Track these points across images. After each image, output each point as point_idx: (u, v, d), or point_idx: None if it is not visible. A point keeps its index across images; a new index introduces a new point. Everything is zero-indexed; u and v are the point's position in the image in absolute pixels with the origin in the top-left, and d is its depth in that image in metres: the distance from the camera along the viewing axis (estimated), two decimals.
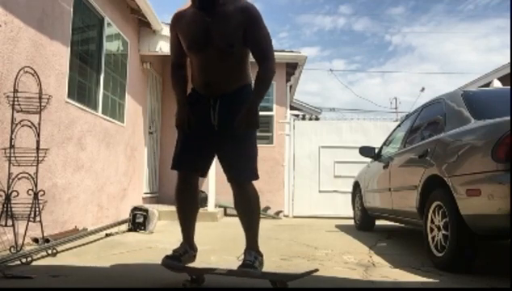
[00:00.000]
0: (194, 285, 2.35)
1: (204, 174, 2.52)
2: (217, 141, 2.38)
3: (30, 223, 3.31)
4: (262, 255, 2.43)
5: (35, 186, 3.35)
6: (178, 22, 2.39)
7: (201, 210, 7.48)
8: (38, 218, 3.35)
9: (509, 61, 8.34)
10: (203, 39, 2.27)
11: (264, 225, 4.08)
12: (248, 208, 2.44)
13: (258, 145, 2.49)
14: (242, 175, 2.38)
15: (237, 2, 2.29)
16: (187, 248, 2.48)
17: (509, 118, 2.60)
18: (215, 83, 2.35)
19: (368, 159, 5.67)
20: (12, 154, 3.24)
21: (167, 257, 2.38)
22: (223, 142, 2.37)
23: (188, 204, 2.50)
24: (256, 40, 2.31)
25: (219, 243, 4.08)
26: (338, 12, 68.67)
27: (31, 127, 3.41)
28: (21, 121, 3.33)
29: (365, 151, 5.47)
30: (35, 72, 3.50)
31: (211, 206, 6.60)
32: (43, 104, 3.45)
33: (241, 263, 2.32)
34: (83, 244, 3.83)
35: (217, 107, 2.35)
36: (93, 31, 5.29)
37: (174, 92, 2.53)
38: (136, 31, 6.83)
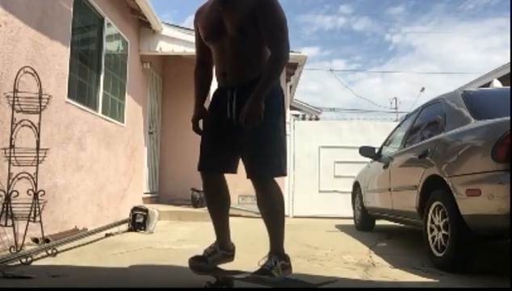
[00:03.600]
0: (217, 286, 2.30)
1: (233, 170, 2.37)
2: (237, 135, 2.25)
3: (30, 223, 3.31)
4: (286, 259, 2.29)
5: (35, 186, 3.35)
6: (198, 16, 2.42)
7: (201, 210, 7.51)
8: (38, 218, 3.35)
9: (509, 61, 8.34)
10: (217, 27, 2.25)
11: (264, 225, 4.09)
12: (271, 210, 2.29)
13: None
14: (261, 171, 2.20)
15: None
16: (217, 248, 2.40)
17: (509, 118, 2.60)
18: (230, 72, 2.28)
19: (368, 159, 5.67)
20: (12, 154, 3.24)
21: (192, 258, 2.33)
22: (241, 136, 2.23)
23: (215, 205, 2.42)
24: (266, 26, 2.18)
25: None
26: (338, 12, 68.71)
27: (31, 127, 3.41)
28: (21, 121, 3.33)
29: (365, 151, 5.47)
30: (35, 72, 3.49)
31: None
32: (43, 104, 3.45)
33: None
34: (83, 244, 3.83)
35: (234, 99, 2.26)
36: (93, 31, 5.29)
37: (194, 88, 2.49)
38: (136, 31, 6.83)
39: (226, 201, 2.45)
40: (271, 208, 2.29)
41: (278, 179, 2.26)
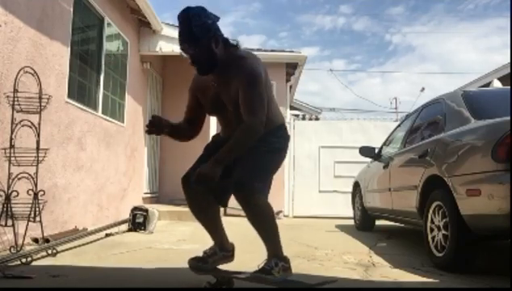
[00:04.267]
0: (217, 286, 2.31)
1: (223, 200, 2.38)
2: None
3: (30, 223, 3.31)
4: (286, 260, 2.26)
5: (35, 186, 3.35)
6: (196, 87, 2.41)
7: None
8: (38, 218, 3.35)
9: (509, 61, 8.34)
10: (216, 104, 2.28)
11: None
12: (259, 224, 2.23)
13: None
14: (244, 183, 2.12)
15: (239, 60, 2.17)
16: (217, 250, 2.40)
17: (509, 118, 2.59)
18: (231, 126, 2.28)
19: (368, 159, 5.67)
20: (12, 154, 3.24)
21: (191, 259, 2.34)
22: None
23: (201, 212, 2.41)
24: (244, 101, 2.14)
25: None
26: (338, 12, 68.68)
27: (31, 127, 3.41)
28: (21, 121, 3.33)
29: (365, 151, 5.46)
30: (35, 72, 3.49)
31: None
32: (43, 104, 3.45)
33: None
34: (83, 244, 3.83)
35: None
36: (93, 31, 5.29)
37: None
38: (136, 31, 6.83)
39: (211, 208, 2.41)
40: (259, 223, 2.23)
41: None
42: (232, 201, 2.52)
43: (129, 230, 4.86)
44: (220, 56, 2.17)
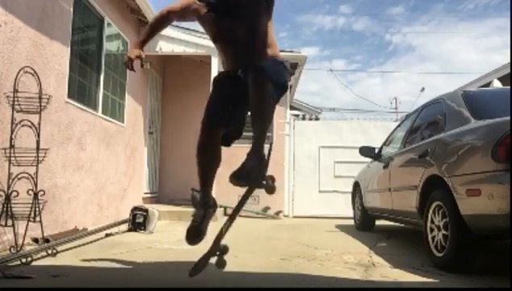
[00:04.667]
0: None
1: (234, 134, 2.51)
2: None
3: (30, 223, 3.31)
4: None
5: (35, 186, 3.35)
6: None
7: None
8: (38, 218, 3.35)
9: (509, 61, 8.34)
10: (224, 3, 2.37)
11: (264, 225, 4.08)
12: (265, 105, 2.30)
13: None
14: (263, 70, 2.23)
15: None
16: (205, 210, 2.51)
17: (509, 118, 2.60)
18: (246, 55, 2.39)
19: (368, 159, 5.67)
20: (12, 154, 3.23)
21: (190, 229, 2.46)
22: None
23: (209, 161, 2.49)
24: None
25: None
26: (338, 12, 68.66)
27: (31, 127, 3.40)
28: (21, 121, 3.33)
29: (365, 151, 5.47)
30: (35, 72, 3.49)
31: None
32: (43, 104, 3.45)
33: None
34: (83, 244, 3.83)
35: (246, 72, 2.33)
36: (93, 31, 5.29)
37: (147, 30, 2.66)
38: (136, 31, 6.83)
39: (219, 160, 2.51)
40: (266, 102, 2.29)
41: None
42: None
43: (129, 230, 4.86)
44: None
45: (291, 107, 10.56)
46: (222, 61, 2.60)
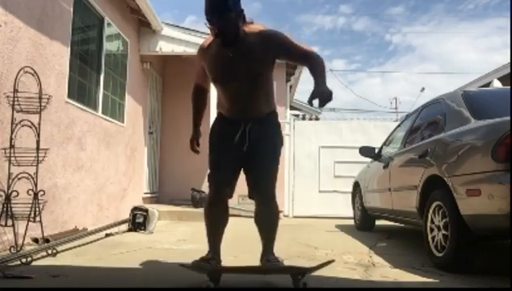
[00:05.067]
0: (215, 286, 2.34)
1: (232, 193, 2.56)
2: (246, 158, 2.46)
3: (30, 223, 3.31)
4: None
5: (35, 186, 3.35)
6: (203, 54, 2.48)
7: (201, 210, 7.49)
8: (38, 218, 3.35)
9: (509, 61, 8.34)
10: (229, 74, 2.38)
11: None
12: (271, 225, 2.56)
13: None
14: (270, 191, 2.49)
15: (255, 32, 2.36)
16: (215, 256, 2.52)
17: (509, 118, 2.59)
18: (250, 109, 2.46)
19: (368, 159, 5.67)
20: (12, 154, 3.24)
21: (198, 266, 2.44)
22: (252, 159, 2.45)
23: (220, 219, 2.55)
24: (291, 52, 2.41)
25: None
26: (338, 12, 68.72)
27: (31, 127, 3.41)
28: (21, 121, 3.33)
29: (365, 151, 5.46)
30: (35, 72, 3.49)
31: None
32: (43, 104, 3.45)
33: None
34: (83, 244, 3.83)
35: (249, 129, 2.44)
36: (93, 31, 5.29)
37: (192, 111, 2.71)
38: (136, 31, 6.83)
39: (228, 217, 2.61)
40: (272, 223, 2.56)
41: (279, 179, 2.49)
42: (232, 201, 2.55)
43: (129, 230, 4.86)
44: (241, 30, 2.32)
45: (291, 107, 10.57)
46: (219, 103, 2.58)
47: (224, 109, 2.54)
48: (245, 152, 2.43)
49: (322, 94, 2.17)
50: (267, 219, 2.53)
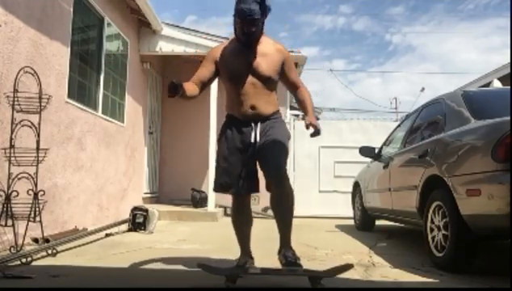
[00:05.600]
0: (233, 285, 2.37)
1: (257, 187, 2.64)
2: (258, 151, 2.54)
3: (30, 223, 3.31)
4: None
5: (35, 186, 3.35)
6: (218, 53, 2.65)
7: (201, 210, 7.51)
8: (38, 218, 3.35)
9: (509, 61, 8.34)
10: (246, 72, 2.55)
11: (264, 225, 4.08)
12: (287, 208, 2.59)
13: None
14: (282, 170, 2.52)
15: (270, 41, 2.64)
16: (247, 259, 2.66)
17: (509, 118, 2.59)
18: (259, 107, 2.59)
19: (368, 159, 5.67)
20: (12, 154, 3.24)
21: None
22: (262, 148, 2.53)
23: (246, 223, 2.71)
24: (292, 73, 2.75)
25: (219, 243, 4.09)
26: (338, 12, 68.73)
27: (31, 127, 3.41)
28: (21, 121, 3.33)
29: (365, 151, 5.46)
30: (35, 72, 3.49)
31: (211, 206, 6.61)
32: (43, 104, 3.45)
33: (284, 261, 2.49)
34: (83, 244, 3.83)
35: (258, 128, 2.58)
36: (93, 31, 5.29)
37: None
38: (136, 31, 6.83)
39: (252, 218, 2.77)
40: (289, 203, 2.57)
41: None
42: (255, 209, 2.62)
43: (129, 230, 4.86)
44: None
45: (292, 107, 10.54)
46: (230, 105, 2.69)
47: (234, 109, 2.64)
48: (254, 148, 2.54)
49: (317, 127, 2.49)
50: (282, 201, 2.56)
